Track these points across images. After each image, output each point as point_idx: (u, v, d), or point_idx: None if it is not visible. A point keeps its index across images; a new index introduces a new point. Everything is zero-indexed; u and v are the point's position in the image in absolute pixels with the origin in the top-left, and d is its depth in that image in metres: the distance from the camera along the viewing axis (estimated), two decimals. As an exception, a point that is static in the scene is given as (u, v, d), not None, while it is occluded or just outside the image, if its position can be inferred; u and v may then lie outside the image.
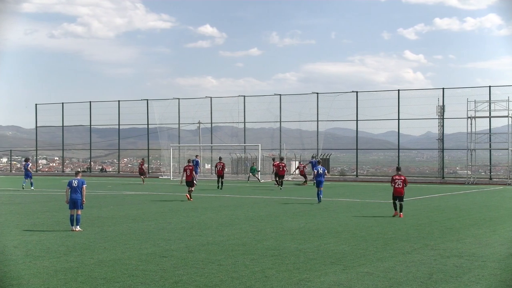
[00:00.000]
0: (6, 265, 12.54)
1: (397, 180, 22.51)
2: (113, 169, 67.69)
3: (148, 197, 31.91)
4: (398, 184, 22.43)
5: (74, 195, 18.09)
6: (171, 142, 56.72)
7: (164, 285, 10.85)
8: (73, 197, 18.08)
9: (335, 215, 22.39)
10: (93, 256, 13.66)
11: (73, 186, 18.14)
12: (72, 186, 18.14)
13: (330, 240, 16.15)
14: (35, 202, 28.47)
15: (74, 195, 18.08)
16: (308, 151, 54.67)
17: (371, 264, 12.73)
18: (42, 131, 67.33)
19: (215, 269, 12.15)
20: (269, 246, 15.13)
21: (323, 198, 27.76)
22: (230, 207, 25.79)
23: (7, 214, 22.98)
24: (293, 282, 11.06)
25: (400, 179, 22.54)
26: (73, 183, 18.18)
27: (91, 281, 11.11)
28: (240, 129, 57.84)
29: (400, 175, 22.76)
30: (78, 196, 18.07)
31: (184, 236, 16.92)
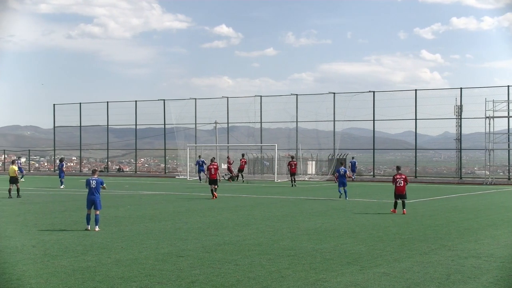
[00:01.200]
0: (25, 264, 12.64)
1: (398, 179, 23.31)
2: (130, 169, 67.99)
3: (165, 197, 32.01)
4: (399, 183, 23.25)
5: (92, 196, 18.14)
6: (188, 142, 56.87)
7: (180, 284, 10.87)
8: (91, 198, 18.13)
9: (352, 215, 22.32)
10: (110, 255, 13.73)
11: (92, 187, 18.17)
12: (91, 187, 18.17)
13: (347, 240, 16.10)
14: (53, 202, 28.66)
15: (92, 195, 18.13)
16: (324, 151, 54.56)
17: (388, 265, 12.68)
18: (60, 131, 67.82)
19: (231, 269, 12.16)
20: (285, 246, 15.11)
21: (339, 198, 27.70)
22: (247, 207, 25.81)
23: (26, 213, 23.17)
24: (310, 282, 11.04)
25: (401, 178, 23.40)
26: (92, 183, 18.19)
27: (108, 280, 11.17)
28: (256, 129, 57.85)
29: (401, 174, 23.67)
30: (96, 197, 18.11)
31: (201, 236, 16.95)
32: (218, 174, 30.93)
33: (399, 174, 23.61)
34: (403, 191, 23.14)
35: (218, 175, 30.94)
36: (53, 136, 67.24)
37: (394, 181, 23.47)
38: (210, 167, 31.40)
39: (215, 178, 30.72)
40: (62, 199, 30.20)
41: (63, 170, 41.17)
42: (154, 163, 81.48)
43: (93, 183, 18.18)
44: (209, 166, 31.57)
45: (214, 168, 31.03)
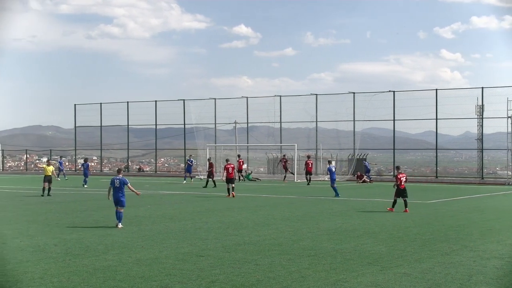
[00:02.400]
0: (47, 263, 12.75)
1: (402, 178, 23.89)
2: (150, 169, 68.23)
3: (185, 196, 32.11)
4: (403, 182, 23.84)
5: (117, 195, 18.88)
6: (208, 142, 56.92)
7: (201, 284, 10.90)
8: (116, 197, 18.88)
9: (372, 216, 22.23)
10: (131, 254, 13.80)
11: (116, 186, 18.88)
12: (115, 186, 18.88)
13: (367, 240, 16.04)
14: (74, 201, 28.89)
15: (117, 194, 18.86)
16: (344, 151, 54.34)
17: (409, 265, 12.61)
18: (81, 131, 68.24)
19: (251, 269, 12.16)
20: (305, 246, 15.09)
21: (359, 198, 27.63)
22: (266, 207, 25.80)
23: (47, 212, 23.36)
24: (330, 283, 11.02)
25: (403, 176, 24.12)
26: (116, 182, 18.89)
27: (129, 279, 11.23)
28: (276, 129, 57.78)
29: (402, 173, 24.41)
30: (120, 196, 18.83)
31: (221, 235, 16.98)
32: (235, 174, 31.66)
33: (401, 173, 24.20)
34: (405, 190, 23.80)
35: (235, 175, 31.51)
36: (74, 136, 67.68)
37: (399, 180, 23.82)
38: (227, 166, 32.12)
39: (232, 177, 31.71)
40: (83, 199, 30.43)
41: (87, 170, 42.14)
42: (174, 163, 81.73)
43: (117, 182, 18.90)
44: (226, 166, 32.26)
45: (231, 167, 32.03)
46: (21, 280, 11.18)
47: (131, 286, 10.75)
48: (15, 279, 11.26)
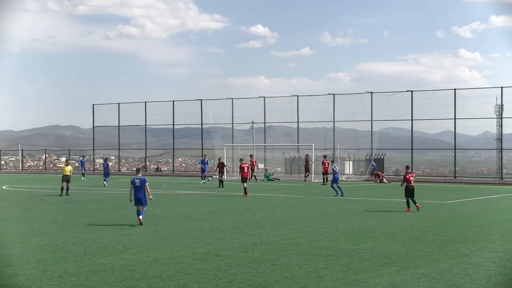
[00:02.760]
0: (65, 262, 12.84)
1: (411, 178, 23.86)
2: (168, 169, 68.47)
3: (202, 196, 32.18)
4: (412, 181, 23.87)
5: (138, 194, 19.27)
6: (225, 142, 57.02)
7: (218, 284, 10.92)
8: (138, 196, 19.28)
9: (390, 216, 22.13)
10: (148, 254, 13.86)
11: (137, 185, 19.31)
12: (136, 186, 19.32)
13: (384, 240, 15.97)
14: (93, 201, 29.06)
15: (138, 193, 19.27)
16: (362, 151, 54.16)
17: (427, 266, 12.54)
18: (99, 131, 68.62)
19: (269, 269, 12.16)
20: (323, 246, 15.06)
21: (376, 199, 27.53)
22: (284, 207, 25.79)
23: (66, 212, 23.53)
24: (348, 283, 10.99)
25: (413, 176, 24.08)
26: (136, 182, 19.32)
27: (147, 279, 11.27)
28: (293, 129, 57.72)
29: (412, 173, 24.31)
30: (141, 195, 19.23)
31: (238, 235, 17.00)
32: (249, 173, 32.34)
33: (410, 173, 24.11)
34: (413, 189, 23.87)
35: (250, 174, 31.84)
36: (92, 136, 68.08)
37: (407, 180, 23.83)
38: (242, 165, 32.44)
39: (247, 176, 32.25)
40: (101, 198, 30.60)
41: (107, 169, 42.67)
42: (191, 162, 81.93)
43: (137, 181, 19.34)
44: (241, 165, 32.54)
45: (246, 167, 32.51)
46: (40, 279, 11.27)
47: (148, 285, 10.79)
48: (34, 277, 11.36)
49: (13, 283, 10.90)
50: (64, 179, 32.00)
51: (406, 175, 24.10)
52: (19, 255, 13.76)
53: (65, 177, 32.04)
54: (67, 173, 32.16)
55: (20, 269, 12.15)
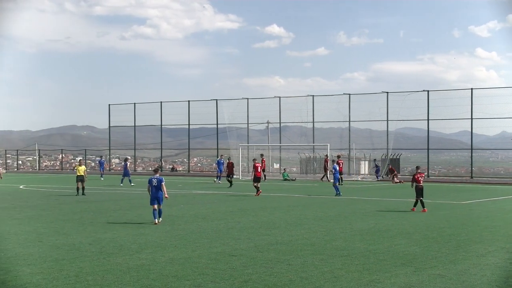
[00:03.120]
0: (82, 261, 12.91)
1: (420, 178, 24.00)
2: (183, 168, 68.64)
3: (217, 196, 32.22)
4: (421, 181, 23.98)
5: (155, 193, 19.72)
6: (240, 142, 57.05)
7: (233, 283, 10.93)
8: (155, 195, 19.71)
9: (406, 216, 22.03)
10: (164, 254, 13.90)
11: (154, 184, 19.79)
12: (153, 185, 19.78)
13: (400, 241, 15.90)
14: (108, 201, 29.20)
15: (156, 192, 19.72)
16: (378, 151, 53.95)
17: (443, 266, 12.46)
18: (115, 131, 68.88)
19: (284, 269, 12.15)
20: (338, 246, 15.03)
21: (392, 199, 27.43)
22: (299, 207, 25.75)
23: (82, 212, 23.65)
24: (363, 283, 10.95)
25: (422, 176, 24.23)
26: (153, 181, 19.82)
27: (163, 278, 11.31)
28: (308, 129, 57.61)
29: (421, 173, 24.49)
30: (159, 194, 19.69)
31: (253, 235, 17.00)
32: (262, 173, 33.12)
33: (420, 173, 24.25)
34: (423, 189, 23.90)
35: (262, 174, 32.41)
36: (108, 135, 68.39)
37: (416, 180, 23.90)
38: (256, 165, 32.98)
39: (260, 176, 32.81)
40: (117, 198, 30.74)
41: (127, 169, 43.18)
42: (206, 162, 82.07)
43: (154, 181, 19.84)
44: (255, 165, 33.08)
45: (260, 166, 33.29)
46: (57, 278, 11.35)
47: (164, 285, 10.82)
48: (51, 276, 11.43)
49: (30, 282, 10.98)
50: (79, 179, 32.24)
51: (415, 175, 24.21)
52: (36, 254, 13.86)
53: (79, 177, 32.28)
54: (81, 173, 32.37)
55: (37, 268, 12.24)
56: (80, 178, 32.22)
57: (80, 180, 32.19)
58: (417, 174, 24.20)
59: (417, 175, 24.05)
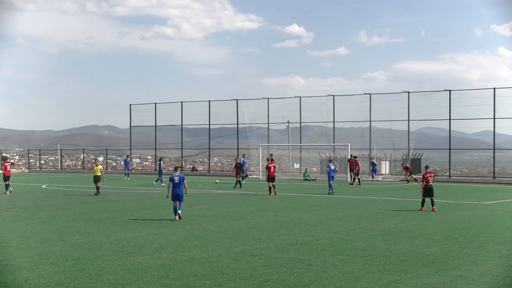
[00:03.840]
0: (103, 260, 12.99)
1: (430, 177, 23.92)
2: (204, 168, 68.78)
3: (238, 196, 32.25)
4: (431, 180, 23.93)
5: (177, 190, 20.39)
6: (260, 142, 57.03)
7: (253, 283, 10.92)
8: (176, 192, 20.39)
9: (427, 216, 21.88)
10: (184, 253, 13.94)
11: (175, 182, 20.46)
12: (175, 183, 20.44)
13: (421, 241, 15.80)
14: (129, 200, 29.35)
15: (177, 190, 20.39)
16: (398, 151, 53.66)
17: (465, 267, 12.36)
18: (136, 130, 69.15)
19: (304, 269, 12.13)
20: (359, 246, 14.96)
21: (413, 199, 27.25)
22: (319, 207, 25.69)
23: (103, 211, 23.81)
24: (384, 284, 10.89)
25: (431, 175, 24.09)
26: (175, 179, 20.47)
27: (183, 278, 11.34)
28: (329, 129, 57.39)
29: (431, 173, 24.33)
30: (180, 191, 20.38)
31: (273, 235, 16.99)
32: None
33: (429, 173, 24.17)
34: (432, 189, 23.89)
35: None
36: (130, 135, 68.72)
37: (426, 179, 23.87)
38: (269, 165, 33.50)
39: (273, 175, 32.99)
40: (138, 197, 30.90)
41: (161, 169, 43.53)
42: (227, 162, 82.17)
43: (176, 179, 20.49)
44: (268, 165, 33.65)
45: (273, 166, 33.47)
46: (78, 276, 11.43)
47: (184, 284, 10.85)
48: (73, 275, 11.52)
49: (52, 281, 11.08)
50: (95, 180, 32.34)
51: (424, 175, 24.17)
52: (58, 253, 13.98)
53: (95, 177, 32.36)
54: (97, 174, 32.42)
55: (59, 267, 12.34)
56: (96, 179, 32.31)
57: (97, 180, 32.29)
58: (426, 173, 24.17)
59: (426, 175, 24.02)
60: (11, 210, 24.17)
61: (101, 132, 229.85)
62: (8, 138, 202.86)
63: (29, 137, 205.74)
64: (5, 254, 13.81)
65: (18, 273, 11.75)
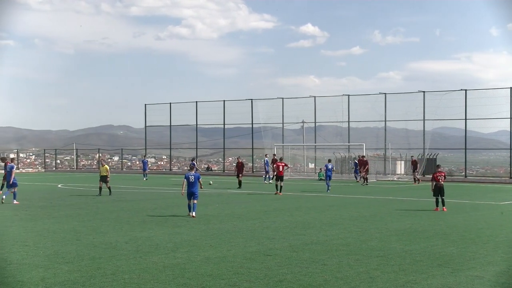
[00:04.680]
0: (118, 260, 13.05)
1: (439, 177, 23.83)
2: (219, 168, 68.87)
3: (252, 196, 32.27)
4: (441, 180, 23.81)
5: (191, 189, 21.28)
6: (275, 142, 57.02)
7: (268, 283, 10.93)
8: (191, 190, 21.28)
9: (442, 216, 21.77)
10: (199, 253, 13.97)
11: (191, 181, 21.31)
12: (190, 181, 21.29)
13: (437, 241, 15.72)
14: (145, 200, 29.46)
15: (192, 188, 21.27)
16: (414, 151, 53.41)
17: (482, 268, 12.28)
18: (151, 130, 69.39)
19: (319, 269, 12.11)
20: (374, 246, 14.92)
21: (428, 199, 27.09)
22: (334, 207, 25.65)
23: (119, 211, 23.91)
24: (399, 284, 10.85)
25: (441, 175, 24.02)
26: (190, 178, 21.35)
27: (198, 277, 11.36)
28: (344, 128, 57.27)
29: (441, 172, 24.29)
30: (195, 189, 21.23)
31: (288, 235, 16.98)
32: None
33: (439, 172, 24.14)
34: (443, 188, 23.81)
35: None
36: (145, 135, 68.94)
37: (435, 179, 23.85)
38: (278, 164, 34.03)
39: (282, 175, 33.51)
40: (153, 197, 31.00)
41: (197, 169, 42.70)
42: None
43: (191, 178, 21.36)
44: (277, 164, 34.14)
45: (282, 165, 33.84)
46: (94, 276, 11.49)
47: (199, 283, 10.88)
48: (88, 274, 11.58)
49: (68, 280, 11.14)
50: (101, 179, 31.92)
51: (434, 174, 24.15)
52: (73, 252, 14.06)
53: (102, 177, 31.94)
54: (103, 174, 32.01)
55: (74, 266, 12.41)
56: (101, 179, 31.93)
57: (103, 180, 31.91)
58: (436, 173, 24.10)
59: (436, 174, 23.97)
60: (27, 210, 24.35)
61: (116, 132, 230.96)
62: (24, 138, 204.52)
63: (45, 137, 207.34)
64: (21, 253, 13.91)
65: (35, 271, 11.84)
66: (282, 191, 32.82)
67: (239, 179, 39.45)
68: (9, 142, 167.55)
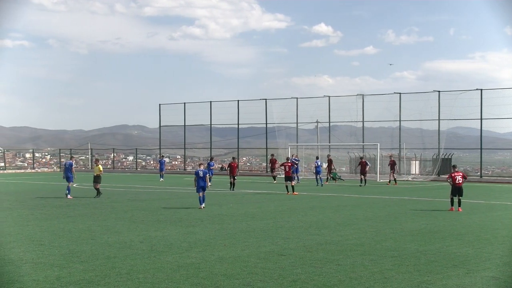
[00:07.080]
0: (133, 259, 13.10)
1: (457, 176, 23.81)
2: (233, 168, 68.80)
3: (266, 195, 32.27)
4: (458, 180, 23.74)
5: (201, 182, 24.33)
6: (289, 141, 56.96)
7: (282, 283, 10.92)
8: (200, 184, 24.33)
9: (458, 217, 21.64)
10: (213, 252, 13.99)
11: (200, 176, 24.34)
12: (199, 176, 24.33)
13: (452, 242, 15.63)
14: (159, 199, 29.54)
15: (201, 182, 24.33)
16: (429, 151, 53.19)
17: (497, 269, 12.20)
18: (165, 130, 69.57)
19: (333, 269, 12.09)
20: (388, 247, 14.86)
21: (443, 199, 27.00)
22: (348, 207, 25.58)
23: (134, 210, 24.00)
24: (414, 284, 10.81)
25: (459, 175, 23.97)
26: (200, 173, 24.42)
27: (212, 277, 11.38)
28: (358, 128, 57.11)
29: (458, 172, 24.31)
30: (204, 183, 24.37)
31: (302, 235, 16.96)
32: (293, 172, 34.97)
33: (456, 172, 24.19)
34: (461, 189, 23.78)
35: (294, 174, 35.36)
36: (159, 135, 69.14)
37: (452, 178, 23.88)
38: (284, 164, 34.20)
39: (290, 175, 33.54)
40: (167, 197, 31.08)
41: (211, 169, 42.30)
42: (255, 162, 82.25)
43: (200, 173, 24.46)
44: (285, 164, 34.27)
45: (288, 165, 33.79)
46: (109, 275, 11.54)
47: (213, 283, 10.89)
48: (103, 274, 11.63)
49: (83, 279, 11.20)
50: (94, 180, 30.61)
51: (451, 174, 24.19)
52: (88, 251, 14.13)
53: (95, 177, 30.66)
54: (96, 173, 30.80)
55: (89, 265, 12.47)
56: (96, 179, 30.53)
57: (95, 181, 30.53)
58: (454, 172, 24.15)
59: (454, 174, 24.01)
60: (42, 209, 24.51)
61: (131, 131, 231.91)
62: (40, 138, 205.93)
63: (60, 137, 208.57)
64: (37, 252, 14.00)
65: (50, 270, 11.91)
66: (295, 191, 32.83)
67: (231, 180, 37.00)
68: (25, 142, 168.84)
